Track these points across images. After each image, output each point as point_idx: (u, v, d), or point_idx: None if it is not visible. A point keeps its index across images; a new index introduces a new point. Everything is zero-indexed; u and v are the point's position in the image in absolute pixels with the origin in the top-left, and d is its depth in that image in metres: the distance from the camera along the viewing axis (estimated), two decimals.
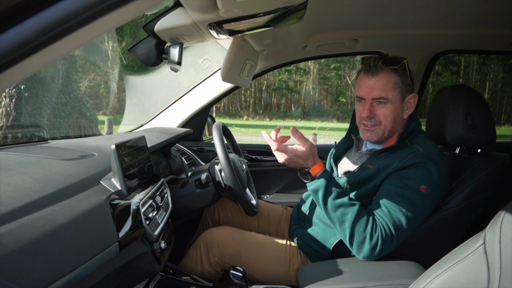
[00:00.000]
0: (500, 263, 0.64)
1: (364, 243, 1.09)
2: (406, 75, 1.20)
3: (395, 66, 1.18)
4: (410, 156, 1.13)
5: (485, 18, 1.38)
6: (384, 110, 1.20)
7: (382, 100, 1.19)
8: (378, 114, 1.21)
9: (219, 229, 1.40)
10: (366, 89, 1.21)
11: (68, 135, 7.69)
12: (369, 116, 1.21)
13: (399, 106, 1.21)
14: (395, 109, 1.20)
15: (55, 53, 0.47)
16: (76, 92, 9.19)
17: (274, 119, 23.22)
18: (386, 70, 1.18)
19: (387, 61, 1.19)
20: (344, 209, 1.11)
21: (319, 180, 1.14)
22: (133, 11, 0.49)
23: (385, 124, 1.21)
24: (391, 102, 1.19)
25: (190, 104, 2.02)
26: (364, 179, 1.19)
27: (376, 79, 1.19)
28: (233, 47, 1.38)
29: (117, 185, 0.92)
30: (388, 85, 1.18)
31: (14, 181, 0.73)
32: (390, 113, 1.20)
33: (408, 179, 1.11)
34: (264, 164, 2.12)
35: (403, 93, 1.20)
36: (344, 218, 1.10)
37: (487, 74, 21.09)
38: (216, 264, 1.32)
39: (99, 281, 0.72)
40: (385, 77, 1.18)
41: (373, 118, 1.21)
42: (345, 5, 1.28)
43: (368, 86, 1.20)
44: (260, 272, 1.29)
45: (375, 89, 1.19)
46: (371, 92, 1.19)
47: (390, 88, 1.18)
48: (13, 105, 7.27)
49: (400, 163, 1.13)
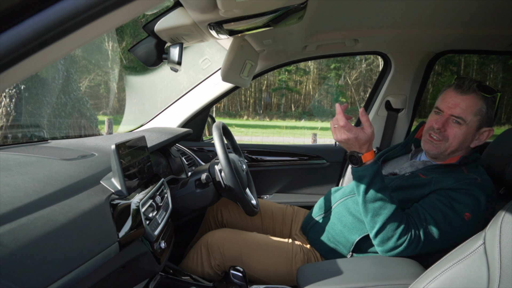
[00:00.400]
0: (500, 263, 0.64)
1: (390, 240, 1.10)
2: (493, 107, 1.20)
3: (487, 95, 1.18)
4: (466, 181, 1.12)
5: (485, 18, 1.38)
6: (457, 130, 1.19)
7: (458, 120, 1.19)
8: (448, 130, 1.21)
9: (220, 231, 1.39)
10: (449, 104, 1.20)
11: (68, 135, 7.69)
12: (439, 128, 1.21)
13: (471, 132, 1.20)
14: (467, 133, 1.19)
15: (55, 53, 0.47)
16: (76, 92, 9.20)
17: (274, 119, 23.23)
18: (476, 94, 1.18)
19: (482, 87, 1.19)
20: (382, 203, 1.10)
21: (367, 168, 1.11)
22: (133, 11, 0.49)
23: (450, 143, 1.21)
24: (467, 125, 1.18)
25: (190, 104, 2.02)
26: (412, 186, 1.19)
27: (463, 98, 1.18)
28: (233, 47, 1.38)
29: (117, 185, 0.92)
30: (471, 109, 1.17)
31: (14, 181, 0.73)
32: (461, 135, 1.19)
33: (456, 202, 1.10)
34: (264, 164, 2.12)
35: (481, 123, 1.20)
36: (380, 212, 1.10)
37: (487, 74, 21.09)
38: (217, 267, 1.32)
39: (99, 281, 0.72)
40: (473, 100, 1.18)
41: (442, 133, 1.21)
42: (345, 5, 1.28)
43: (453, 101, 1.20)
44: (262, 272, 1.29)
45: (457, 107, 1.18)
46: (452, 108, 1.19)
47: (473, 112, 1.18)
48: (13, 105, 7.28)
49: (454, 183, 1.12)
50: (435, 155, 1.26)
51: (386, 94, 2.01)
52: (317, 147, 2.22)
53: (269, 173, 2.11)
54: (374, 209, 1.11)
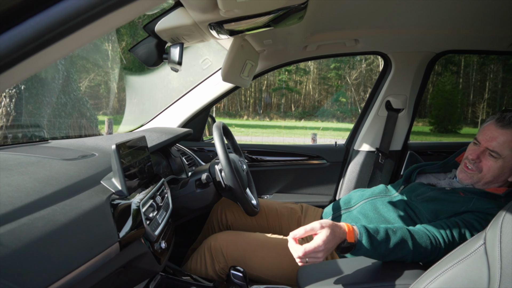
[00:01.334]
0: (500, 263, 0.64)
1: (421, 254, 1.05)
2: None
3: None
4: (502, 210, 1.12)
5: (485, 18, 1.38)
6: (492, 163, 1.20)
7: (493, 154, 1.19)
8: (484, 162, 1.21)
9: (223, 234, 1.38)
10: (487, 136, 1.21)
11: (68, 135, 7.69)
12: (474, 159, 1.22)
13: (508, 167, 1.19)
14: (503, 167, 1.19)
15: (55, 54, 0.47)
16: (76, 92, 9.19)
17: (274, 119, 23.23)
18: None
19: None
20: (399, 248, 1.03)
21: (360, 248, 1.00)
22: (134, 11, 0.49)
23: (484, 175, 1.21)
24: (503, 159, 1.18)
25: (190, 104, 2.02)
26: (449, 200, 1.18)
27: (502, 133, 1.18)
28: (234, 47, 1.38)
29: (117, 185, 0.92)
30: (509, 144, 1.17)
31: (14, 181, 0.73)
32: (497, 169, 1.19)
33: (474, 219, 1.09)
34: (264, 164, 2.12)
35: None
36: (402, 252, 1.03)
37: (487, 74, 21.10)
38: (221, 271, 1.32)
39: (99, 281, 0.72)
40: (511, 135, 1.17)
41: (477, 164, 1.22)
42: (345, 5, 1.28)
43: (491, 134, 1.20)
44: (267, 272, 1.28)
45: (494, 141, 1.19)
46: (489, 141, 1.20)
47: (510, 147, 1.17)
48: (13, 105, 7.28)
49: (495, 209, 1.09)
50: (466, 184, 1.26)
51: (386, 94, 2.01)
52: (317, 147, 2.22)
53: (269, 173, 2.11)
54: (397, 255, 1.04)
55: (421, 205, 1.24)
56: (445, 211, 1.17)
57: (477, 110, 21.23)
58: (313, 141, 9.50)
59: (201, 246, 1.38)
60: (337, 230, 0.99)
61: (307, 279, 1.06)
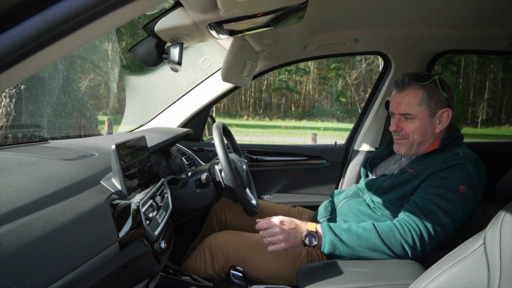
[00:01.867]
0: (500, 263, 0.64)
1: (406, 248, 1.09)
2: (436, 91, 1.22)
3: (424, 82, 1.21)
4: (450, 159, 1.14)
5: (485, 18, 1.38)
6: (412, 125, 1.23)
7: (408, 116, 1.23)
8: (405, 128, 1.25)
9: (223, 234, 1.39)
10: (394, 105, 1.26)
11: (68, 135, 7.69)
12: (395, 130, 1.26)
13: (427, 121, 1.23)
14: (423, 124, 1.23)
15: (55, 53, 0.47)
16: (76, 92, 9.19)
17: (274, 119, 23.23)
18: (413, 87, 1.22)
19: (417, 78, 1.22)
20: (366, 236, 1.10)
21: (325, 235, 1.12)
22: (133, 11, 0.49)
23: (413, 138, 1.24)
24: (418, 117, 1.22)
25: (190, 104, 2.02)
26: (403, 182, 1.20)
27: (403, 95, 1.24)
28: (233, 47, 1.38)
29: (117, 185, 0.92)
30: (413, 101, 1.22)
31: (14, 181, 0.73)
32: (418, 127, 1.23)
33: (446, 179, 1.12)
34: (264, 164, 2.12)
35: (432, 109, 1.22)
36: (372, 244, 1.10)
37: (487, 74, 21.10)
38: (220, 270, 1.32)
39: (99, 281, 0.72)
40: (412, 93, 1.22)
41: (401, 132, 1.26)
42: (345, 5, 1.28)
43: (396, 101, 1.25)
44: (267, 273, 1.28)
45: (401, 105, 1.24)
46: (398, 107, 1.25)
47: (416, 104, 1.22)
48: (13, 105, 7.27)
49: (440, 165, 1.14)
50: (405, 153, 1.29)
51: (386, 94, 2.01)
52: (317, 147, 2.22)
53: (269, 173, 2.11)
54: (366, 247, 1.10)
55: (384, 199, 1.25)
56: (405, 194, 1.19)
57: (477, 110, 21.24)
58: (313, 141, 9.51)
59: (201, 245, 1.38)
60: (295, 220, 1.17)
61: (306, 279, 1.06)
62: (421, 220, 1.09)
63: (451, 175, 1.12)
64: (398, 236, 1.09)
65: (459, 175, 1.12)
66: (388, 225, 1.12)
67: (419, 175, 1.17)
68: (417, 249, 1.09)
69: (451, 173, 1.12)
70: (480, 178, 1.14)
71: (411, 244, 1.09)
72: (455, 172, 1.12)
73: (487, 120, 20.65)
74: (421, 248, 1.09)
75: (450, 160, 1.14)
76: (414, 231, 1.09)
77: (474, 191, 1.12)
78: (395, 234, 1.09)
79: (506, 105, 20.23)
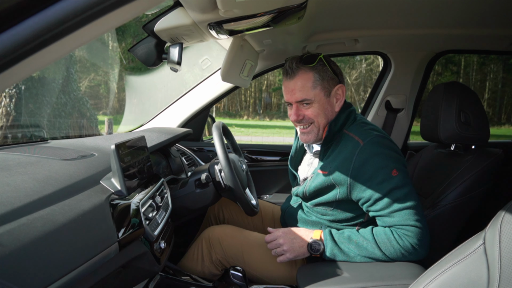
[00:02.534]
0: (500, 263, 0.64)
1: (406, 256, 1.09)
2: (325, 69, 1.18)
3: (311, 64, 1.17)
4: (355, 157, 1.10)
5: (485, 18, 1.38)
6: (312, 110, 1.19)
7: (305, 102, 1.18)
8: (306, 114, 1.19)
9: (222, 227, 1.40)
10: (288, 93, 1.20)
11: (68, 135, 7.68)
12: (297, 119, 1.21)
13: (326, 102, 1.19)
14: (322, 105, 1.18)
15: (55, 53, 0.47)
16: (76, 92, 9.19)
17: (274, 119, 23.22)
18: (303, 70, 1.17)
19: (303, 60, 1.18)
20: (365, 246, 1.10)
21: (327, 244, 1.13)
22: (133, 11, 0.49)
23: (317, 122, 1.20)
24: (316, 101, 1.18)
25: (190, 104, 2.02)
26: (320, 188, 1.19)
27: (295, 81, 1.17)
28: (233, 47, 1.38)
29: (117, 185, 0.92)
30: (307, 85, 1.16)
31: (14, 181, 0.73)
32: (319, 110, 1.18)
33: (375, 178, 1.09)
34: (264, 164, 2.12)
35: (326, 89, 1.18)
36: (372, 252, 1.10)
37: (487, 74, 21.09)
38: (217, 262, 1.32)
39: (99, 281, 0.72)
40: (303, 77, 1.17)
41: (304, 119, 1.21)
42: (345, 5, 1.28)
43: (289, 89, 1.19)
44: (263, 271, 1.29)
45: (296, 91, 1.17)
46: (293, 95, 1.18)
47: (310, 87, 1.16)
48: (13, 105, 7.27)
49: (350, 165, 1.10)
50: (316, 141, 1.24)
51: (386, 94, 2.01)
52: None
53: (269, 173, 2.11)
54: (365, 256, 1.11)
55: (312, 204, 1.25)
56: (331, 200, 1.17)
57: None
58: None
59: (198, 238, 1.39)
60: (300, 230, 1.18)
61: (306, 279, 1.06)
62: (402, 224, 1.08)
63: (374, 171, 1.08)
64: (394, 244, 1.09)
65: (378, 165, 1.08)
66: (384, 233, 1.11)
67: (333, 182, 1.14)
68: (418, 249, 1.09)
69: (370, 169, 1.09)
70: (393, 147, 1.12)
71: (409, 248, 1.08)
72: (373, 165, 1.08)
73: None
74: (419, 247, 1.09)
75: (357, 158, 1.09)
76: (405, 235, 1.08)
77: (400, 163, 1.10)
78: (392, 242, 1.09)
79: (506, 105, 20.21)
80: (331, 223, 1.23)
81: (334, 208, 1.20)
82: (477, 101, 1.28)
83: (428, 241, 1.10)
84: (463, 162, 1.25)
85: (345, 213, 1.20)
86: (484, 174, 1.22)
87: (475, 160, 1.23)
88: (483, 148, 1.31)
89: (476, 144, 1.31)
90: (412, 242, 1.07)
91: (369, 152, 1.09)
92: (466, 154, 1.28)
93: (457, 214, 1.23)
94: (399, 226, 1.09)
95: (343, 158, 1.13)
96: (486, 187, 1.23)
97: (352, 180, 1.11)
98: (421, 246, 1.08)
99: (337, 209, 1.20)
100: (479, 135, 1.26)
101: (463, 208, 1.22)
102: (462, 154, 1.30)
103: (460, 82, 1.30)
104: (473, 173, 1.21)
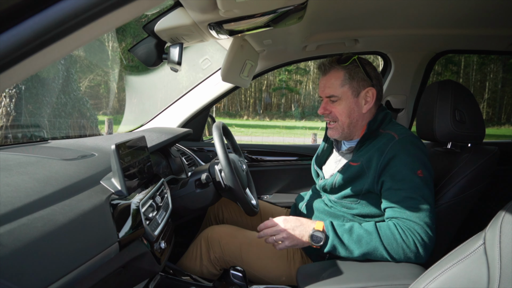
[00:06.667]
0: (500, 263, 0.64)
1: (407, 253, 1.07)
2: (358, 71, 1.23)
3: (344, 64, 1.23)
4: (388, 148, 1.14)
5: (485, 18, 1.38)
6: (338, 107, 1.25)
7: (333, 98, 1.25)
8: (333, 111, 1.27)
9: (221, 227, 1.40)
10: (321, 88, 1.29)
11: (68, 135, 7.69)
12: (324, 113, 1.28)
13: (353, 102, 1.24)
14: (348, 104, 1.24)
15: (55, 53, 0.47)
16: (76, 92, 9.19)
17: (274, 119, 23.22)
18: (335, 69, 1.24)
19: (337, 60, 1.25)
20: (368, 241, 1.09)
21: (329, 236, 1.12)
22: (133, 11, 0.49)
23: (341, 120, 1.26)
24: (342, 98, 1.24)
25: (190, 104, 2.02)
26: (350, 178, 1.20)
27: (327, 78, 1.26)
28: (233, 47, 1.38)
29: (117, 185, 0.92)
30: (336, 83, 1.24)
31: (14, 181, 0.73)
32: (344, 108, 1.24)
33: (400, 173, 1.11)
34: (264, 164, 2.12)
35: (355, 89, 1.23)
36: (373, 245, 1.09)
37: (487, 74, 21.09)
38: (216, 261, 1.32)
39: (99, 281, 0.72)
40: (334, 75, 1.24)
41: (329, 115, 1.28)
42: (345, 5, 1.28)
43: (322, 85, 1.28)
44: (261, 271, 1.29)
45: (325, 88, 1.26)
46: (323, 90, 1.27)
47: (338, 85, 1.23)
48: (13, 105, 7.28)
49: (381, 157, 1.14)
50: (340, 137, 1.30)
51: (386, 94, 2.01)
52: (317, 147, 2.22)
53: (269, 173, 2.11)
54: (368, 249, 1.09)
55: (338, 197, 1.25)
56: (359, 190, 1.18)
57: None
58: (313, 141, 9.51)
59: (197, 237, 1.40)
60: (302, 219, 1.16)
61: (306, 279, 1.06)
62: (414, 223, 1.07)
63: (401, 167, 1.11)
64: (399, 241, 1.07)
65: (408, 162, 1.11)
66: (389, 228, 1.10)
67: (364, 171, 1.16)
68: (422, 253, 1.07)
69: (398, 164, 1.11)
70: (424, 151, 1.15)
71: (414, 249, 1.07)
72: (402, 162, 1.11)
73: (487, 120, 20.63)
74: (425, 250, 1.07)
75: (390, 150, 1.13)
76: (413, 235, 1.07)
77: (427, 167, 1.13)
78: (397, 239, 1.08)
79: (506, 105, 20.22)
80: (354, 217, 1.22)
81: (359, 200, 1.20)
82: (471, 99, 1.28)
83: (431, 247, 1.08)
84: (460, 160, 1.26)
85: (369, 207, 1.19)
86: (481, 171, 1.22)
87: (471, 158, 1.24)
88: (479, 146, 1.31)
89: (472, 142, 1.31)
90: (416, 240, 1.06)
91: (402, 147, 1.13)
92: (462, 152, 1.28)
93: (454, 213, 1.23)
94: (406, 220, 1.08)
95: (376, 149, 1.17)
96: (482, 184, 1.23)
97: (380, 170, 1.14)
98: (424, 248, 1.07)
99: (362, 202, 1.20)
100: (475, 132, 1.26)
101: (460, 206, 1.23)
102: (459, 153, 1.30)
103: (454, 80, 1.31)
104: (470, 171, 1.22)
